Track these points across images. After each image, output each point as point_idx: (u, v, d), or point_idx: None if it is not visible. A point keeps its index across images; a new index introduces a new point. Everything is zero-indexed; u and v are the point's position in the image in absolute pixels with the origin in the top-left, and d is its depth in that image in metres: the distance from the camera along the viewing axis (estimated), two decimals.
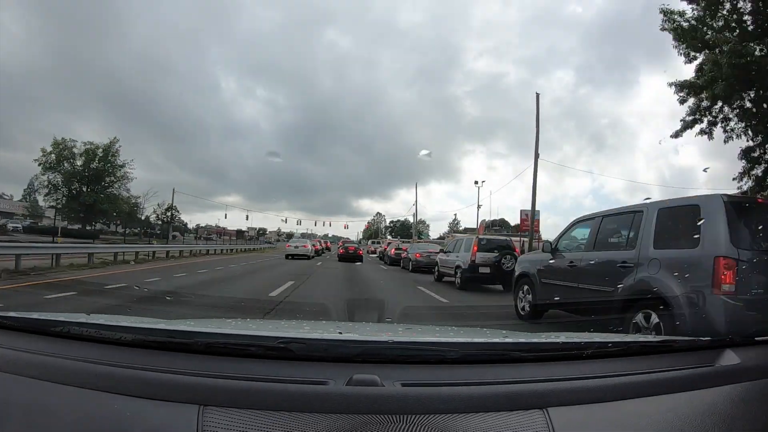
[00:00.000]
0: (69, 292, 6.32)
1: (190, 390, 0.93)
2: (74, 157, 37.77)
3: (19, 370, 1.00)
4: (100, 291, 6.48)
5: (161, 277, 9.78)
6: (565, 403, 0.97)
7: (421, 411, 0.91)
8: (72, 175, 37.53)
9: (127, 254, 15.78)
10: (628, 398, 1.02)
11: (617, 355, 1.23)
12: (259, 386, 0.95)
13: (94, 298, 5.77)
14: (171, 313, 3.92)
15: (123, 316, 1.75)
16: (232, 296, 7.14)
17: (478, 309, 7.34)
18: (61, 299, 5.77)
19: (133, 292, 6.39)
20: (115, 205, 38.48)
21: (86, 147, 37.89)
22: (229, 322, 2.06)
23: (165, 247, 22.56)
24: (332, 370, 1.02)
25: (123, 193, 40.27)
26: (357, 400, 0.92)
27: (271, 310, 5.48)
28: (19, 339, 1.15)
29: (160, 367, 1.01)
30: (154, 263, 15.41)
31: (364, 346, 1.16)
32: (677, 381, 1.11)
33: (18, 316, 1.27)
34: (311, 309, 5.38)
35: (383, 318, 3.15)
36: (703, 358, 1.24)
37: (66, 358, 1.05)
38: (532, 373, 1.08)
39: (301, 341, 1.14)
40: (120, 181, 39.58)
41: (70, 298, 5.82)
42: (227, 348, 1.10)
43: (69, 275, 9.51)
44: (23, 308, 1.63)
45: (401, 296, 8.88)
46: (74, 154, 37.83)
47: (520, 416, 0.93)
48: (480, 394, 0.98)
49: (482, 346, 1.30)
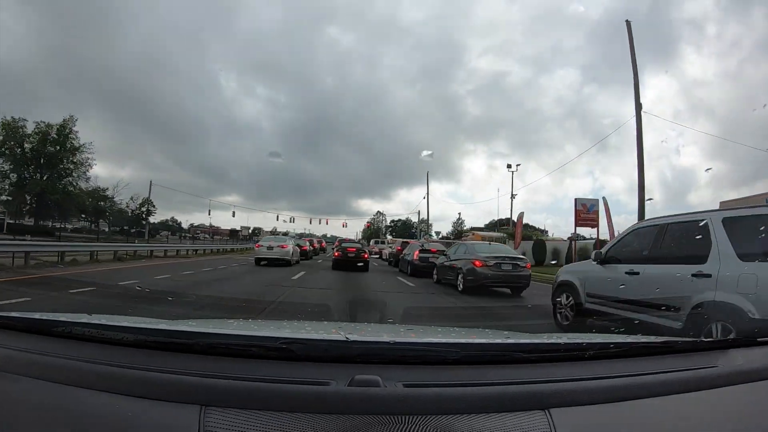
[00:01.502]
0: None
1: (192, 390, 0.93)
2: (23, 138, 31.17)
3: (20, 370, 1.00)
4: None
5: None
6: (567, 404, 0.97)
7: (423, 412, 0.91)
8: (18, 160, 30.96)
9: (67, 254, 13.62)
10: (631, 399, 1.01)
11: (619, 356, 1.22)
12: (260, 387, 0.95)
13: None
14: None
15: (124, 317, 1.76)
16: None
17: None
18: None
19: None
20: (70, 197, 31.92)
21: (38, 128, 31.37)
22: (230, 322, 2.13)
23: (108, 247, 18.19)
24: (334, 371, 1.02)
25: (81, 183, 33.90)
26: (358, 401, 0.92)
27: None
28: (20, 339, 1.15)
29: (161, 367, 1.01)
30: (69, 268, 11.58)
31: (365, 347, 1.16)
32: (680, 382, 1.10)
33: (20, 316, 1.27)
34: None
35: (385, 319, 3.52)
36: (706, 359, 1.24)
37: (68, 358, 1.05)
38: (534, 374, 1.08)
39: (302, 342, 1.14)
40: (78, 168, 33.18)
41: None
42: (229, 348, 1.10)
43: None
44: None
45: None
46: (23, 135, 31.33)
47: (521, 417, 0.92)
48: (482, 394, 0.98)
49: (484, 346, 1.30)
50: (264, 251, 17.14)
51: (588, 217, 21.57)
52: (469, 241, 22.33)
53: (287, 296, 8.17)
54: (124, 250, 18.12)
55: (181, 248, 24.44)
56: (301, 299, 7.79)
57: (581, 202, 21.73)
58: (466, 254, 10.78)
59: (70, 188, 33.32)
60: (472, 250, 10.91)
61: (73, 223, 37.91)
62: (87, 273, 10.69)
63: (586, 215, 21.55)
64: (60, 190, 31.38)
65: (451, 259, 11.49)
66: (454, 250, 12.30)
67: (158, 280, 9.91)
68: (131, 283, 8.76)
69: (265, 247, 17.37)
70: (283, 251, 16.95)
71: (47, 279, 9.07)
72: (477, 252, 10.62)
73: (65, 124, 31.75)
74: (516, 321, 6.98)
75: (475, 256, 10.35)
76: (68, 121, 31.91)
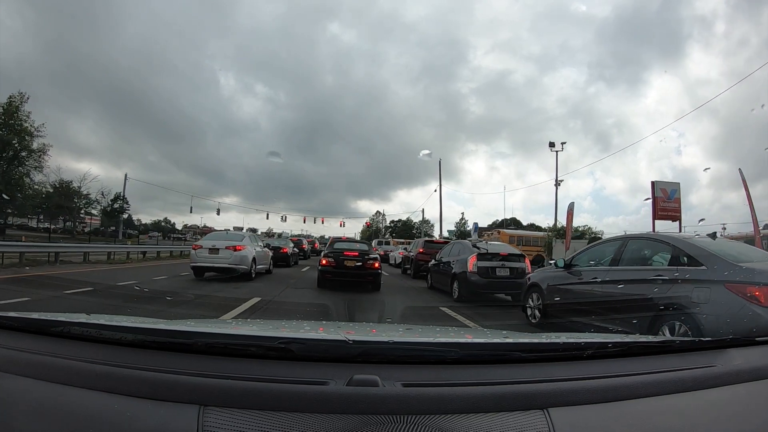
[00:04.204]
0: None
1: (191, 390, 0.93)
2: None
3: (19, 370, 0.99)
4: None
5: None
6: (566, 404, 0.96)
7: (422, 411, 0.90)
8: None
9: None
10: (630, 399, 1.01)
11: (618, 356, 1.22)
12: (259, 386, 0.94)
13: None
14: None
15: (123, 317, 1.72)
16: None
17: None
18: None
19: None
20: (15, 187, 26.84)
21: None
22: (229, 322, 2.16)
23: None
24: (332, 371, 1.01)
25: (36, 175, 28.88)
26: (357, 401, 0.92)
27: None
28: (19, 339, 1.14)
29: (160, 367, 1.00)
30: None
31: (364, 347, 1.15)
32: (679, 381, 1.09)
33: (18, 316, 1.25)
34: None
35: (384, 318, 3.52)
36: (704, 359, 1.23)
37: (66, 358, 1.04)
38: (532, 373, 1.07)
39: (301, 341, 1.14)
40: (30, 155, 28.13)
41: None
42: (228, 348, 1.09)
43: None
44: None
45: None
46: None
47: (520, 417, 0.92)
48: (480, 394, 0.97)
49: (483, 346, 1.31)
50: (204, 256, 10.73)
51: (668, 207, 15.90)
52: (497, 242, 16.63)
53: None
54: (35, 251, 13.71)
55: (117, 250, 18.54)
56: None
57: (660, 186, 16.13)
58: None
59: (26, 179, 28.50)
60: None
61: (29, 219, 33.17)
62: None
63: (666, 203, 15.86)
64: (5, 180, 26.29)
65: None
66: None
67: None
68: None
69: (207, 249, 10.81)
70: (235, 256, 10.67)
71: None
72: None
73: (11, 101, 26.65)
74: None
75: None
76: (15, 98, 26.82)
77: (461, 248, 9.91)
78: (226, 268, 10.63)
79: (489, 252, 9.12)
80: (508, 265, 8.92)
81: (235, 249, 10.80)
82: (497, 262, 8.94)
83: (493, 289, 8.81)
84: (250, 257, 11.06)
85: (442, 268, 10.17)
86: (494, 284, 8.75)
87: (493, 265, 8.87)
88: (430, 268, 11.32)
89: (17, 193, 27.73)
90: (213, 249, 10.79)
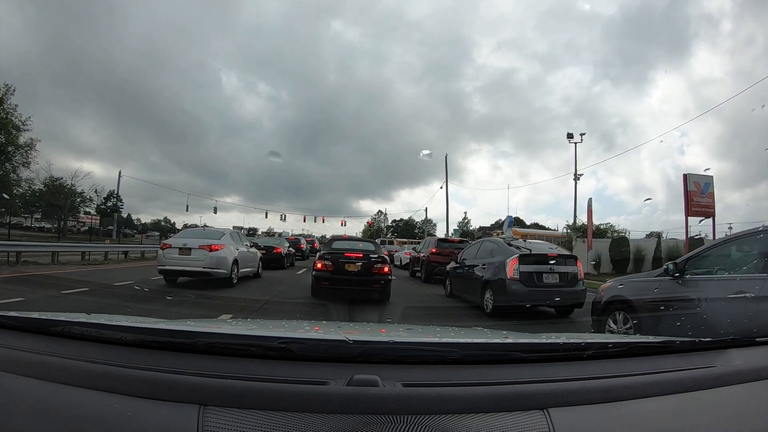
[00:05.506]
0: None
1: (191, 390, 0.93)
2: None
3: (19, 369, 0.99)
4: None
5: None
6: (566, 404, 0.96)
7: (422, 411, 0.90)
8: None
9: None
10: (630, 399, 1.01)
11: (618, 356, 1.22)
12: (259, 386, 0.94)
13: None
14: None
15: (123, 316, 1.73)
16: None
17: None
18: None
19: None
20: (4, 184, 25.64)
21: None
22: (229, 322, 2.17)
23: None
24: (333, 371, 1.01)
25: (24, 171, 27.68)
26: (357, 401, 0.92)
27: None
28: (19, 339, 1.14)
29: (160, 367, 1.00)
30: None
31: (364, 347, 1.15)
32: (679, 382, 1.09)
33: (18, 315, 1.25)
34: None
35: (384, 318, 3.46)
36: (704, 359, 1.23)
37: (66, 357, 1.04)
38: (532, 373, 1.07)
39: (301, 341, 1.14)
40: (17, 150, 26.91)
41: None
42: (228, 348, 1.09)
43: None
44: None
45: None
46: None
47: (520, 417, 0.92)
48: (480, 394, 0.97)
49: (483, 346, 1.30)
50: (173, 258, 8.90)
51: (702, 203, 14.37)
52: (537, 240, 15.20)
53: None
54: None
55: (93, 250, 17.14)
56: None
57: (693, 179, 14.57)
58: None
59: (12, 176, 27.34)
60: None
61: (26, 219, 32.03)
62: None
63: (701, 198, 14.32)
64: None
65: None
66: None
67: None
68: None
69: (176, 249, 8.97)
70: (211, 258, 8.82)
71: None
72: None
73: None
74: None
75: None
76: (0, 89, 25.59)
77: (494, 248, 7.86)
78: (199, 272, 8.80)
79: (533, 253, 7.11)
80: (557, 270, 6.93)
81: (210, 249, 8.91)
82: (545, 265, 6.94)
83: (540, 300, 6.87)
84: (230, 259, 9.24)
85: (466, 273, 8.29)
86: (541, 294, 6.80)
87: (540, 270, 6.89)
88: (449, 272, 9.47)
89: (2, 191, 26.54)
90: (184, 249, 8.91)
